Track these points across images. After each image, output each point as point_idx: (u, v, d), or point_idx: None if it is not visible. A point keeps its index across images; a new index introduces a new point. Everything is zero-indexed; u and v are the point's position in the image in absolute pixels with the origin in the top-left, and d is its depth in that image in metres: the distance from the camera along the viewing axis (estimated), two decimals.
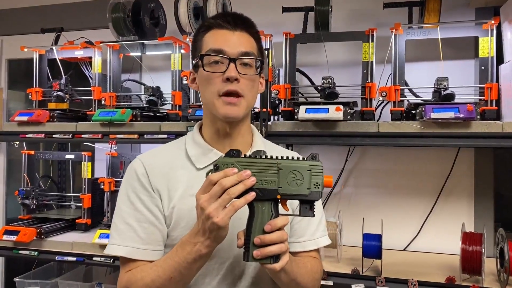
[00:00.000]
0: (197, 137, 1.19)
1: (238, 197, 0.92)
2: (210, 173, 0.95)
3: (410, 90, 2.04)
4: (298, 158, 0.97)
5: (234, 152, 0.96)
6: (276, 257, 0.94)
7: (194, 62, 1.17)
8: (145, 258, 1.10)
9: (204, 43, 1.14)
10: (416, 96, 2.04)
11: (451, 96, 1.82)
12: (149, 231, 1.10)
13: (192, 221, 1.03)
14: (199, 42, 1.16)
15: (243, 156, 0.96)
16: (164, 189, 1.12)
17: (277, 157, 0.96)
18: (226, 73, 1.08)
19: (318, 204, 1.21)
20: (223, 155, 0.97)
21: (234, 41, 1.11)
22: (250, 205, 0.95)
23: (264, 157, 0.96)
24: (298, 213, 0.97)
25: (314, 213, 0.97)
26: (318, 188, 0.95)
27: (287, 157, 0.97)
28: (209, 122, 1.18)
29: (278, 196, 0.95)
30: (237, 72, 1.09)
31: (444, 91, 1.83)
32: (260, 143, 1.23)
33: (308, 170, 0.95)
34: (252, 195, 0.93)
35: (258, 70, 1.14)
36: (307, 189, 0.95)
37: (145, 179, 1.13)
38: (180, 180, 1.13)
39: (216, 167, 0.95)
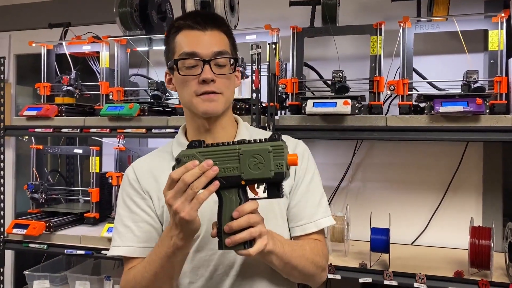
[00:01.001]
0: (181, 138, 1.24)
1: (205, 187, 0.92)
2: (175, 166, 0.95)
3: (430, 83, 2.04)
4: (260, 140, 0.94)
5: (196, 143, 0.95)
6: (250, 242, 0.93)
7: (169, 64, 1.18)
8: (143, 255, 1.14)
9: (176, 44, 1.15)
10: (439, 89, 2.03)
11: (481, 89, 1.79)
12: (145, 230, 1.16)
13: None
14: (171, 44, 1.17)
15: (205, 146, 0.95)
16: (153, 190, 1.18)
17: (238, 142, 0.94)
18: (201, 75, 1.10)
19: (318, 186, 1.23)
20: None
21: (206, 42, 1.12)
22: (218, 194, 0.95)
23: (226, 143, 0.95)
24: (266, 196, 0.95)
25: (283, 193, 0.95)
26: (282, 168, 0.91)
27: (249, 141, 0.94)
28: (190, 120, 1.22)
29: (243, 182, 0.93)
30: (212, 74, 1.11)
31: (474, 84, 1.81)
32: (245, 132, 1.25)
33: (269, 152, 0.92)
34: (215, 185, 0.92)
35: (233, 67, 1.16)
36: (270, 171, 0.91)
37: (136, 183, 1.20)
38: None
39: (178, 160, 0.95)
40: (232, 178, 0.93)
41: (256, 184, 0.96)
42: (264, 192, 0.97)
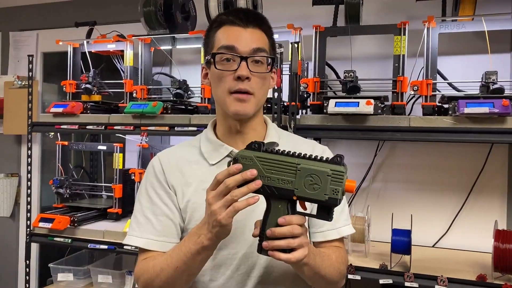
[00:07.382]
0: (210, 134, 1.23)
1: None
2: (231, 163, 0.95)
3: (450, 84, 2.01)
4: (321, 158, 0.92)
5: (256, 145, 0.94)
6: (289, 250, 0.93)
7: (206, 58, 1.19)
8: (160, 249, 1.15)
9: (216, 39, 1.15)
10: (459, 91, 2.01)
11: (500, 90, 1.76)
12: (165, 224, 1.16)
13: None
14: (211, 38, 1.17)
15: (264, 150, 0.94)
16: (179, 184, 1.18)
17: (299, 155, 0.92)
18: (237, 71, 1.10)
19: None
20: (244, 148, 0.96)
21: (246, 38, 1.12)
22: (267, 200, 0.94)
23: (286, 153, 0.93)
24: (315, 215, 0.94)
25: (332, 217, 0.93)
26: (337, 195, 0.89)
27: (309, 156, 0.92)
28: (222, 119, 1.21)
29: (294, 198, 0.92)
30: (248, 71, 1.10)
31: (493, 85, 1.78)
32: (274, 134, 1.24)
33: (327, 176, 0.89)
34: (255, 199, 0.92)
35: (270, 67, 1.15)
36: (325, 195, 0.89)
37: (162, 176, 1.19)
38: (194, 175, 1.18)
39: (235, 160, 0.94)
40: (284, 191, 0.92)
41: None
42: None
